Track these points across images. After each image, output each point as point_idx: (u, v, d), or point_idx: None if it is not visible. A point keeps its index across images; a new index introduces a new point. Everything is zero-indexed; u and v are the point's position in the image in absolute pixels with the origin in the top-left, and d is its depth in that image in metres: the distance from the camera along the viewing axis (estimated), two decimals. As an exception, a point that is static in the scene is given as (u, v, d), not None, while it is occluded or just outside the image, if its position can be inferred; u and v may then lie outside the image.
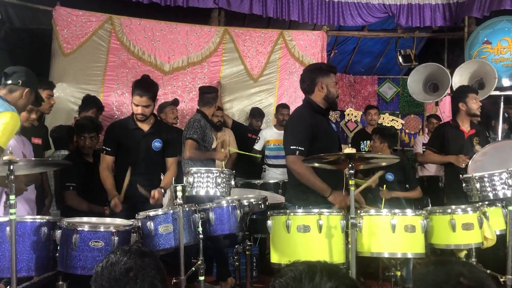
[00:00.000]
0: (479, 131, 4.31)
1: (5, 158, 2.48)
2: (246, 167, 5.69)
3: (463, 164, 4.16)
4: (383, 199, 3.83)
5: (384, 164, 3.27)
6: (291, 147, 3.09)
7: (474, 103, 4.28)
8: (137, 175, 3.54)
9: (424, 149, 6.11)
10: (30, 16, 6.31)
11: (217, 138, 5.47)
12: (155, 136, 3.60)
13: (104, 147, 3.60)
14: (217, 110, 5.40)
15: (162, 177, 3.81)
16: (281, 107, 5.79)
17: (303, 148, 3.06)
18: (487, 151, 3.93)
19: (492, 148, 3.97)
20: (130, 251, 1.56)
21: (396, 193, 4.44)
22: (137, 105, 3.49)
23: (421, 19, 6.85)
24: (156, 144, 3.60)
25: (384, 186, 4.15)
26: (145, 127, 3.58)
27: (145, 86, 3.50)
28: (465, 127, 4.32)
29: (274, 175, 5.55)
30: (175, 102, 5.47)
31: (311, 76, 3.29)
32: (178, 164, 5.13)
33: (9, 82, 2.97)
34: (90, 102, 4.82)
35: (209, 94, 4.57)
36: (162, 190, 3.54)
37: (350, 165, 2.70)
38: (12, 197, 2.47)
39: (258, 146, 5.74)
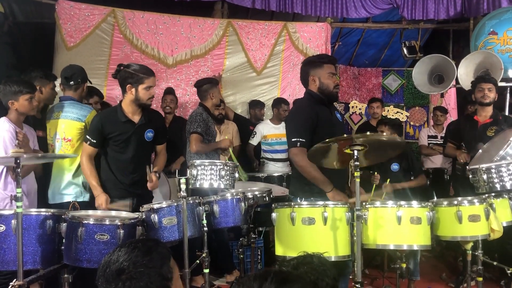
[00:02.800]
0: (497, 121, 4.23)
1: (11, 151, 2.51)
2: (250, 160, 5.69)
3: (462, 161, 4.25)
4: (384, 193, 3.81)
5: (391, 152, 3.23)
6: (292, 140, 3.10)
7: (478, 92, 4.32)
8: (131, 167, 3.42)
9: (429, 142, 6.11)
10: (33, 10, 6.30)
11: (221, 131, 5.46)
12: (147, 126, 3.45)
13: (88, 137, 3.36)
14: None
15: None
16: (283, 103, 5.67)
17: (304, 140, 3.06)
18: (488, 145, 3.89)
19: (490, 141, 3.95)
20: (134, 250, 1.45)
21: (399, 184, 4.43)
22: (150, 87, 3.34)
23: (424, 12, 6.78)
24: (149, 134, 3.47)
25: (388, 180, 4.13)
26: (135, 118, 3.40)
27: (147, 66, 3.46)
28: (481, 116, 4.31)
29: (273, 168, 5.53)
30: (168, 91, 5.49)
31: (304, 70, 3.31)
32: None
33: (72, 83, 3.67)
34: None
35: (201, 87, 4.54)
36: (157, 174, 3.47)
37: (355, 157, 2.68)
38: (18, 190, 2.47)
39: (254, 141, 5.67)
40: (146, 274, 1.41)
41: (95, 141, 3.35)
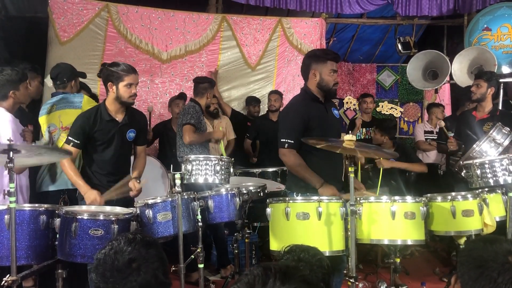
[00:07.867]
0: (493, 116, 4.22)
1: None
2: (245, 155, 5.69)
3: (451, 147, 4.22)
4: (379, 183, 3.80)
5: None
6: (281, 140, 3.11)
7: (471, 89, 4.35)
8: (110, 167, 3.31)
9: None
10: (25, 4, 6.25)
11: (214, 126, 5.46)
12: (130, 126, 3.34)
13: (71, 138, 3.19)
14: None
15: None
16: (272, 93, 5.85)
17: (292, 141, 3.07)
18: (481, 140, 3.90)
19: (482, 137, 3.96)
20: (135, 240, 1.51)
21: (397, 163, 4.44)
22: (131, 85, 3.18)
23: (418, 8, 6.79)
24: (131, 134, 3.36)
25: (381, 158, 4.15)
26: (119, 117, 3.29)
27: (130, 65, 3.29)
28: (479, 112, 4.33)
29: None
30: (181, 96, 5.45)
31: (306, 63, 3.27)
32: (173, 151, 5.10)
33: (58, 83, 3.79)
34: None
35: (202, 84, 4.53)
36: (138, 180, 3.32)
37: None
38: (11, 185, 2.45)
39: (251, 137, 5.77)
40: (153, 260, 1.49)
41: (78, 142, 3.19)
